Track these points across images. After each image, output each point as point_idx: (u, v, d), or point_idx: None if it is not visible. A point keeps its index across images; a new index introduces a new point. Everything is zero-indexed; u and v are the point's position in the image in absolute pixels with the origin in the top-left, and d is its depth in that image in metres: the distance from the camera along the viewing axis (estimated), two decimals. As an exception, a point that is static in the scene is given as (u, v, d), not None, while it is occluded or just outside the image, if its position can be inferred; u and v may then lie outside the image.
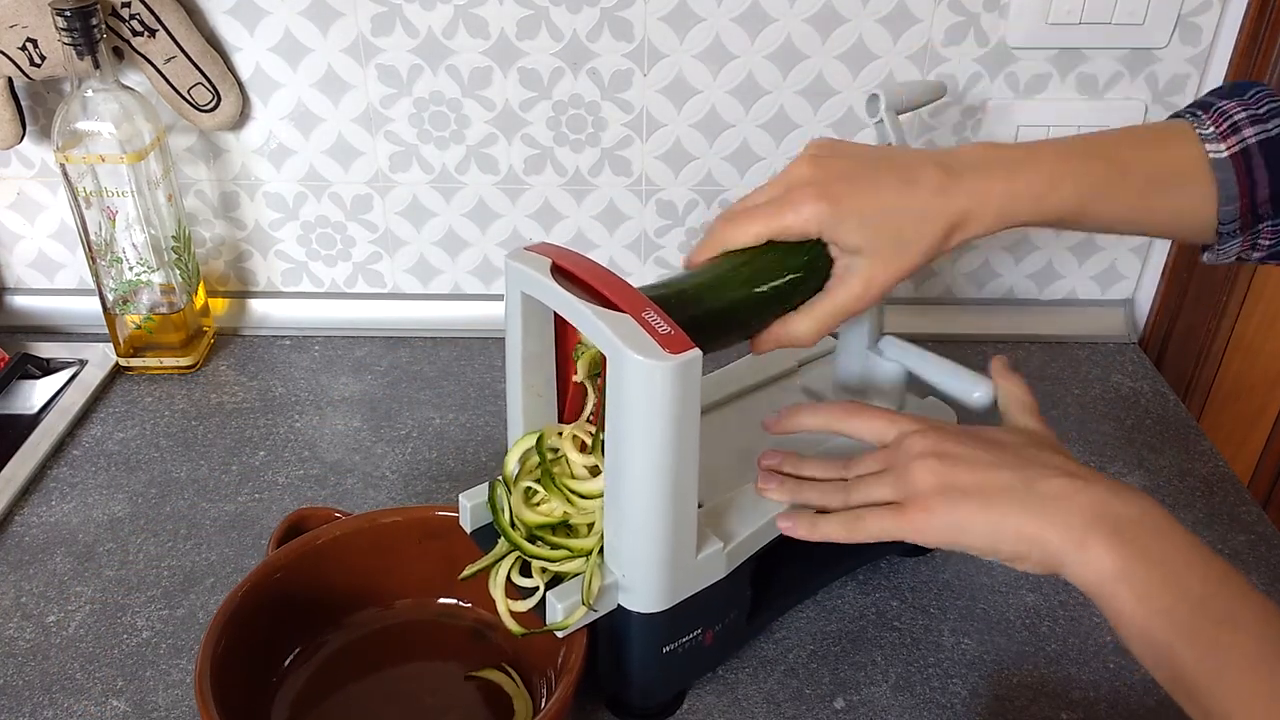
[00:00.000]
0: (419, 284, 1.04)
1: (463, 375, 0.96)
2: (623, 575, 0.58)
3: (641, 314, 0.52)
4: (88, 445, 0.87)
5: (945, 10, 0.88)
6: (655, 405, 0.52)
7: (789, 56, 0.90)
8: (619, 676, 0.62)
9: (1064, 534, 0.48)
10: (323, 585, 0.66)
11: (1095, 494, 0.49)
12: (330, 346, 1.01)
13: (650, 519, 0.55)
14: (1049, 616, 0.72)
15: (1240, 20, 0.88)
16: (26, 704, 0.65)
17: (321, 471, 0.84)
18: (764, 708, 0.66)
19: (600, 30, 0.89)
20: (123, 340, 0.95)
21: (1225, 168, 0.58)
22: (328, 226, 1.00)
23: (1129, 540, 0.47)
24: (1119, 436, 0.89)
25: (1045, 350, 1.01)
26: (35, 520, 0.80)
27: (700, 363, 0.52)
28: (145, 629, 0.71)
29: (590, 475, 0.60)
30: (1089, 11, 0.87)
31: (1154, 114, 0.93)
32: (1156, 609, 0.46)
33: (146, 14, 0.86)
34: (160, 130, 0.89)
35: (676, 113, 0.93)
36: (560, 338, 0.62)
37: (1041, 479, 0.50)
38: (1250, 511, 0.81)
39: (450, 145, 0.95)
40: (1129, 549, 0.47)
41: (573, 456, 0.60)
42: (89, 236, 0.89)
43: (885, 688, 0.67)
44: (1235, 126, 0.58)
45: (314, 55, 0.91)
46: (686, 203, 0.98)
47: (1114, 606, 0.47)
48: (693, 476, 0.55)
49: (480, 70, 0.91)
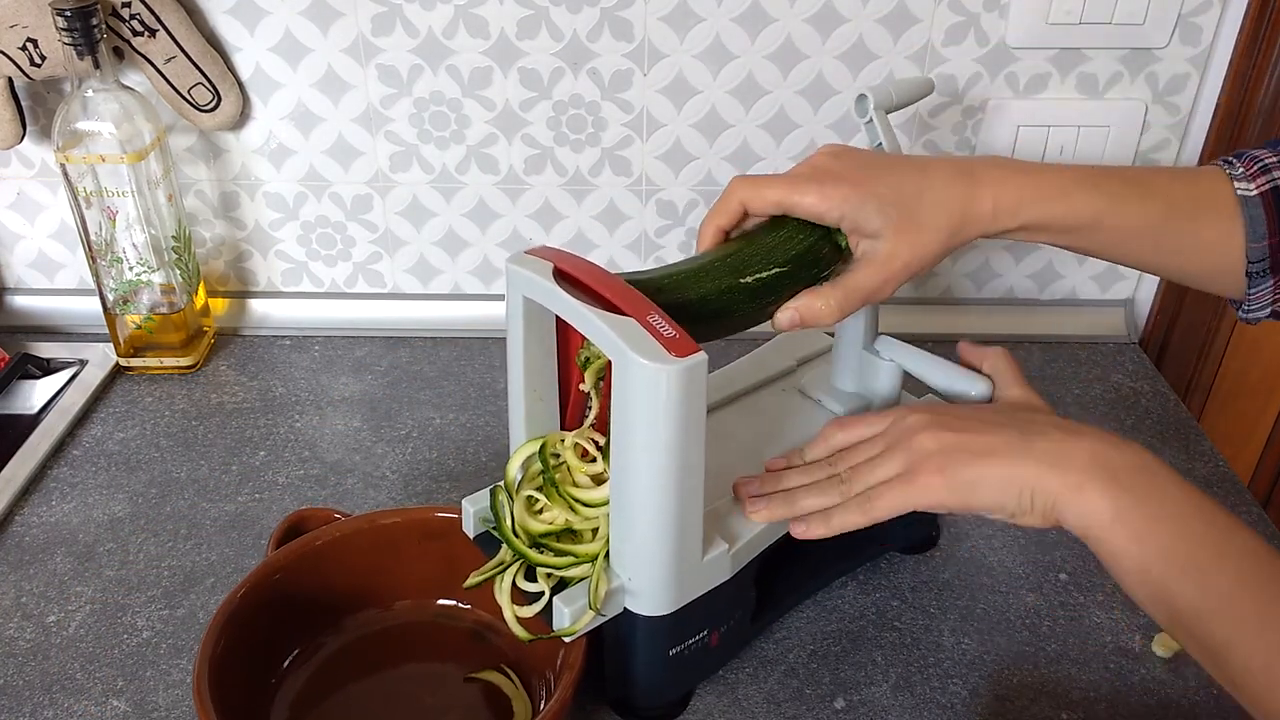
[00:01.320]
0: (419, 284, 1.04)
1: (463, 375, 0.96)
2: (629, 579, 0.58)
3: (646, 318, 0.52)
4: (88, 445, 0.87)
5: (945, 10, 0.88)
6: (661, 409, 0.52)
7: (789, 56, 0.90)
8: (625, 679, 0.62)
9: (1062, 479, 0.50)
10: (322, 586, 0.66)
11: (1091, 443, 0.51)
12: (330, 346, 1.01)
13: (657, 522, 0.55)
14: (1049, 616, 0.72)
15: (1240, 20, 0.88)
16: (27, 704, 0.65)
17: (321, 471, 0.84)
18: (764, 708, 0.66)
19: (600, 30, 0.89)
20: (123, 340, 0.95)
21: (1254, 205, 0.58)
22: (328, 226, 1.00)
23: (1125, 485, 0.49)
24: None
25: (1045, 350, 1.01)
26: (35, 520, 0.80)
27: (705, 366, 0.52)
28: (145, 629, 0.71)
29: (594, 483, 0.60)
30: (1089, 11, 0.87)
31: (1154, 114, 0.93)
32: (1152, 549, 0.48)
33: (146, 14, 0.86)
34: (160, 130, 0.89)
35: (676, 113, 0.93)
36: (562, 341, 0.62)
37: (1039, 434, 0.53)
38: (1250, 511, 0.81)
39: (450, 145, 0.95)
40: (1124, 493, 0.49)
41: (575, 464, 0.60)
42: (89, 236, 0.89)
43: (885, 688, 0.67)
44: (1265, 168, 0.59)
45: (314, 55, 0.91)
46: (686, 203, 0.98)
47: (1111, 548, 0.49)
48: (698, 479, 0.55)
49: (480, 70, 0.91)
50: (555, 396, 0.63)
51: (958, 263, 1.02)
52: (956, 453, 0.54)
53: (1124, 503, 0.49)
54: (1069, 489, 0.51)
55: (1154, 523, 0.49)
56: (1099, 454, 0.51)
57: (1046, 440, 0.52)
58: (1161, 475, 0.50)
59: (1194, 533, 0.48)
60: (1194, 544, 0.48)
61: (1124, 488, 0.50)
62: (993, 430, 0.54)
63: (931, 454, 0.55)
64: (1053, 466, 0.51)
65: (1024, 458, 0.52)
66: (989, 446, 0.53)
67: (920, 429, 0.56)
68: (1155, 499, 0.49)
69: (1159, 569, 0.48)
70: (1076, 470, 0.51)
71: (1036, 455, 0.52)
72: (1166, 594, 0.48)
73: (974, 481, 0.53)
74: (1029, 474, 0.52)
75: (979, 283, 1.03)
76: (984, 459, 0.53)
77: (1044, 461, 0.52)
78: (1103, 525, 0.49)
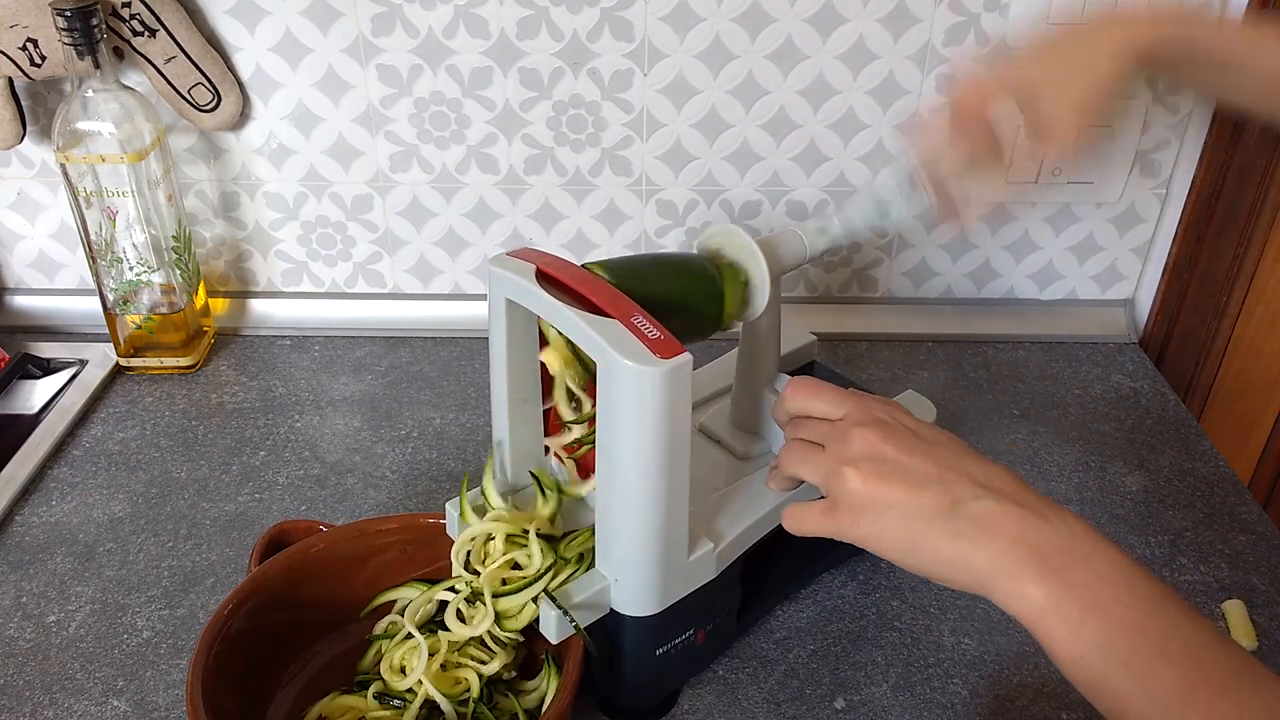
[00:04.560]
0: (419, 284, 1.04)
1: (463, 375, 0.96)
2: (615, 580, 0.58)
3: (630, 319, 0.52)
4: (88, 445, 0.87)
5: (945, 10, 0.88)
6: (646, 410, 0.52)
7: (789, 56, 0.90)
8: (613, 679, 0.62)
9: (990, 563, 0.47)
10: (309, 599, 0.65)
11: (1022, 519, 0.47)
12: (330, 346, 1.01)
13: (642, 523, 0.55)
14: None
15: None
16: (27, 704, 0.65)
17: (322, 471, 0.84)
18: (764, 708, 0.66)
19: (600, 30, 0.89)
20: (123, 340, 0.95)
21: None
22: (328, 226, 1.00)
23: (1056, 571, 0.45)
24: (1119, 436, 0.89)
25: (1045, 350, 1.01)
26: (35, 520, 0.80)
27: (690, 366, 0.52)
28: (145, 629, 0.71)
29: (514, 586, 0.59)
30: (1089, 12, 0.87)
31: (1154, 114, 0.93)
32: (1089, 641, 0.44)
33: (147, 14, 0.86)
34: (160, 130, 0.89)
35: (676, 113, 0.93)
36: (544, 344, 0.62)
37: (970, 499, 0.48)
38: (1250, 511, 0.81)
39: (450, 145, 0.95)
40: (1057, 581, 0.45)
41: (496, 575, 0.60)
42: (89, 236, 0.89)
43: (885, 688, 0.67)
44: None
45: (314, 55, 0.91)
46: (686, 203, 0.98)
47: (1046, 639, 0.45)
48: (684, 479, 0.55)
49: (480, 70, 0.91)
50: (539, 398, 0.63)
51: (958, 262, 1.02)
52: (876, 505, 0.50)
53: (1056, 591, 0.45)
54: (998, 574, 0.47)
55: (1090, 613, 0.45)
56: (1030, 530, 0.47)
57: (976, 508, 0.48)
58: (1094, 553, 0.46)
59: (1134, 624, 0.44)
60: (1135, 637, 0.44)
61: (1054, 572, 0.45)
62: (921, 488, 0.49)
63: (850, 494, 0.51)
64: (979, 544, 0.47)
65: (947, 530, 0.48)
66: (911, 506, 0.49)
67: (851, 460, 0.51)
68: (1090, 585, 0.45)
69: (1097, 662, 0.44)
70: (1005, 552, 0.47)
71: (962, 528, 0.48)
72: (1107, 687, 0.44)
73: (885, 536, 0.50)
74: (949, 548, 0.48)
75: (979, 282, 1.03)
76: (901, 519, 0.49)
77: (970, 538, 0.47)
78: (1034, 613, 0.45)
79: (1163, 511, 0.81)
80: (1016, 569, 0.46)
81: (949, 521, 0.48)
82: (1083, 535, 0.47)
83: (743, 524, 0.62)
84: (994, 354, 1.00)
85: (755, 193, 0.98)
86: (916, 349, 1.01)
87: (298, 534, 0.67)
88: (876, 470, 0.50)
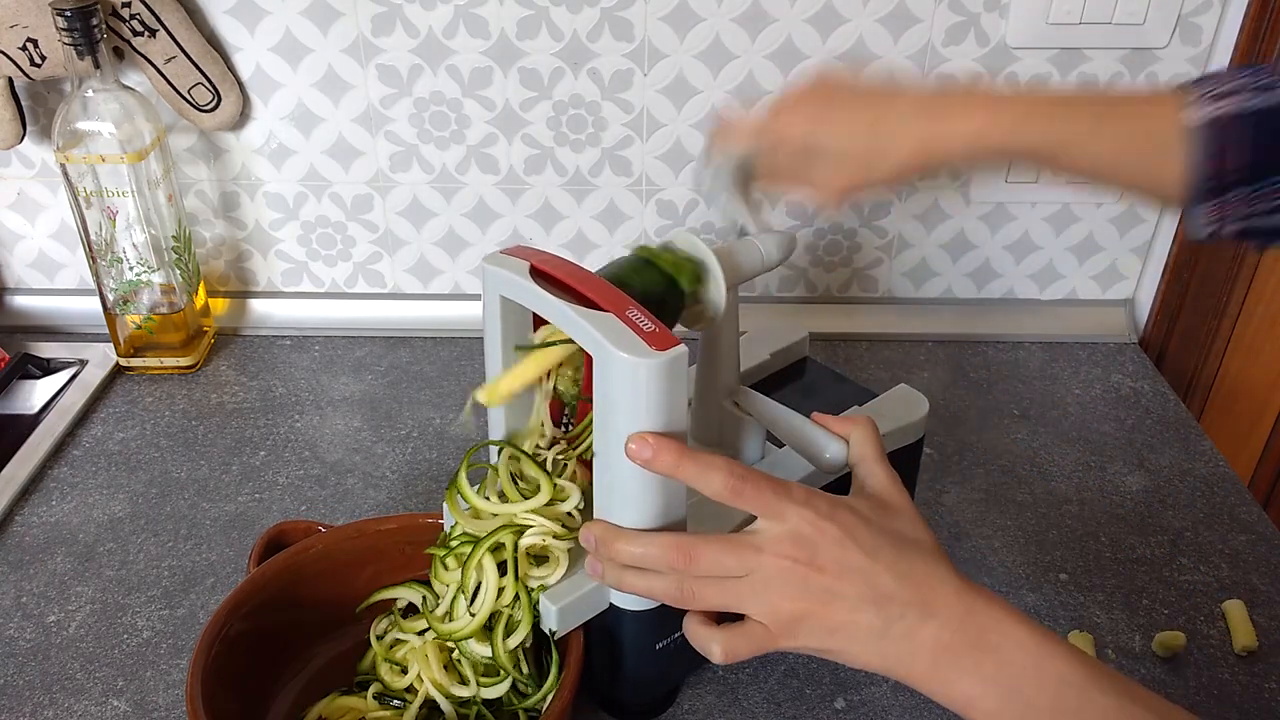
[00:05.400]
0: (419, 284, 1.04)
1: (463, 375, 0.96)
2: None
3: (625, 312, 0.53)
4: (88, 445, 0.87)
5: (945, 10, 0.88)
6: (642, 402, 0.52)
7: (789, 56, 0.90)
8: (614, 675, 0.62)
9: (909, 671, 0.50)
10: (309, 600, 0.65)
11: (935, 629, 0.50)
12: (330, 346, 1.01)
13: (641, 516, 0.55)
14: (1049, 616, 0.72)
15: (1240, 20, 0.88)
16: (27, 704, 0.65)
17: (322, 471, 0.84)
18: (765, 708, 0.66)
19: (600, 30, 0.89)
20: (123, 340, 0.95)
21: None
22: (328, 226, 1.00)
23: (969, 670, 0.49)
24: (1119, 436, 0.89)
25: (1045, 350, 1.01)
26: (35, 520, 0.80)
27: (685, 359, 0.52)
28: (145, 629, 0.71)
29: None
30: (1089, 11, 0.87)
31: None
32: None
33: (147, 14, 0.86)
34: (160, 130, 0.89)
35: (676, 113, 0.93)
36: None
37: (898, 618, 0.50)
38: (1250, 511, 0.81)
39: (450, 145, 0.95)
40: (970, 678, 0.49)
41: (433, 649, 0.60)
42: (89, 236, 0.89)
43: (885, 688, 0.67)
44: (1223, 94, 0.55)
45: (314, 55, 0.91)
46: (686, 203, 0.98)
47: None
48: None
49: (480, 70, 0.91)
50: (532, 394, 0.63)
51: (958, 262, 1.02)
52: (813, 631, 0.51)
53: (971, 688, 0.49)
54: (918, 679, 0.50)
55: (1005, 704, 0.48)
56: (945, 634, 0.49)
57: (901, 626, 0.50)
58: (1002, 642, 0.49)
59: (1047, 705, 0.48)
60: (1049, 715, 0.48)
61: (967, 671, 0.49)
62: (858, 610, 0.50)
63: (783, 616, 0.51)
64: (900, 658, 0.50)
65: (875, 650, 0.51)
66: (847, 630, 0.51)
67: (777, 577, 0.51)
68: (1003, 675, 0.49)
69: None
70: (922, 659, 0.50)
71: (887, 646, 0.50)
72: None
73: (825, 651, 0.52)
74: (877, 663, 0.51)
75: (979, 282, 1.03)
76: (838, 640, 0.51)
77: (894, 654, 0.50)
78: (957, 707, 0.50)
79: (1163, 511, 0.81)
80: (932, 674, 0.50)
81: (878, 644, 0.51)
82: (993, 627, 0.50)
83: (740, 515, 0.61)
84: (994, 354, 1.00)
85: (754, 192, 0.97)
86: (916, 349, 1.01)
87: (297, 534, 0.66)
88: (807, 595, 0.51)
